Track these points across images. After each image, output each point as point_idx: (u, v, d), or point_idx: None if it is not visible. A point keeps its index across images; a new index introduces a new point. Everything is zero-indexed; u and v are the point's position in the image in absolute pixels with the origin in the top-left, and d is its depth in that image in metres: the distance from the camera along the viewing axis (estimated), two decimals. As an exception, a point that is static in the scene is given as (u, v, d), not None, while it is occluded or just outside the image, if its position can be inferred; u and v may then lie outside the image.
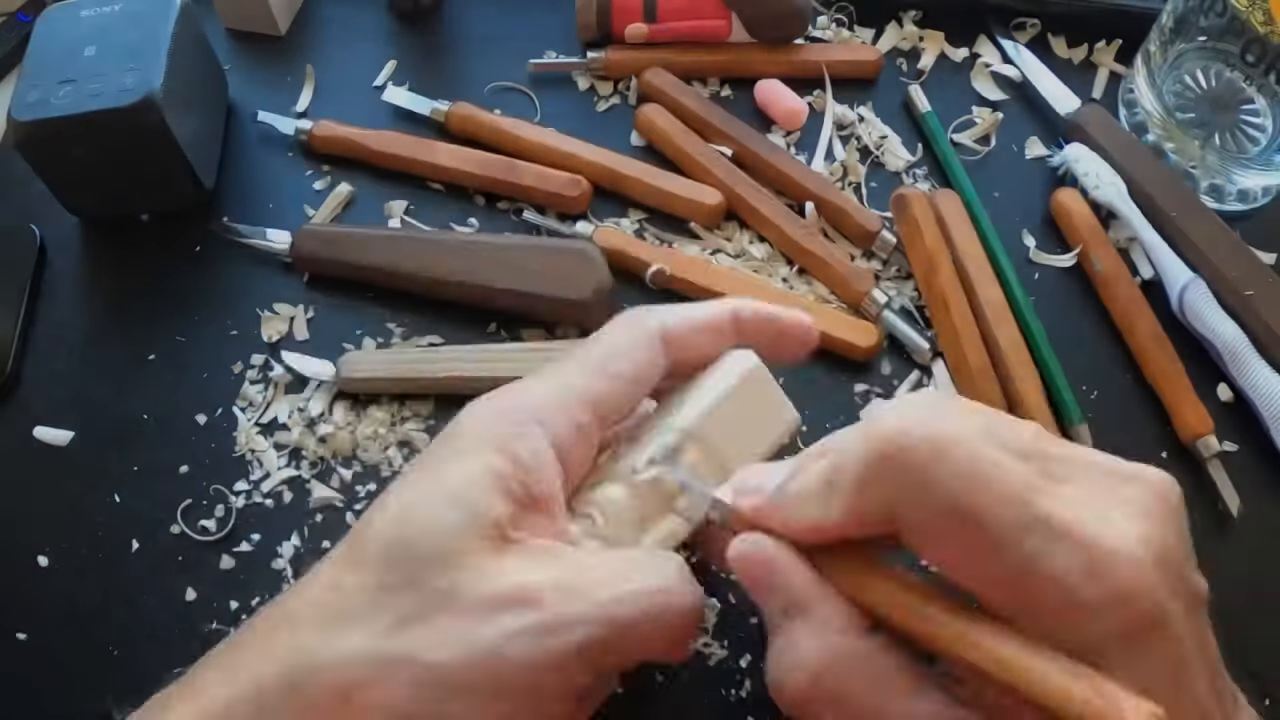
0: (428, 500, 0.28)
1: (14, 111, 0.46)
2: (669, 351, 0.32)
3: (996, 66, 0.57)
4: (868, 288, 0.48)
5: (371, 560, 0.27)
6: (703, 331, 0.33)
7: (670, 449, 0.30)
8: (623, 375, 0.31)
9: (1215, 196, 0.52)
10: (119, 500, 0.44)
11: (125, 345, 0.49)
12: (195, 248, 0.51)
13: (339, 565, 0.28)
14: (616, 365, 0.31)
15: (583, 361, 0.31)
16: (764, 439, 0.32)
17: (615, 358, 0.31)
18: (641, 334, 0.32)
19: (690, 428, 0.31)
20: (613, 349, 0.32)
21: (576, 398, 0.30)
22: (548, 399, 0.30)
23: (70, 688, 0.40)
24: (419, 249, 0.48)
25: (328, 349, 0.48)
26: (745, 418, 0.31)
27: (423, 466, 0.30)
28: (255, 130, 0.55)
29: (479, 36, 0.59)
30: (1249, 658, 0.41)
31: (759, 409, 0.32)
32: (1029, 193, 0.53)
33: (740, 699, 0.39)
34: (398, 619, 0.26)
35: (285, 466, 0.45)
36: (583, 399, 0.30)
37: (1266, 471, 0.45)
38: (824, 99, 0.56)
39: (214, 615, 0.42)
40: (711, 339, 0.33)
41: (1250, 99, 0.51)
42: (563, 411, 0.30)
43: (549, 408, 0.30)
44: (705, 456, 0.31)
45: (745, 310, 0.33)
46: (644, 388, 0.32)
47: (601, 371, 0.31)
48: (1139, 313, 0.47)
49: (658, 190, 0.51)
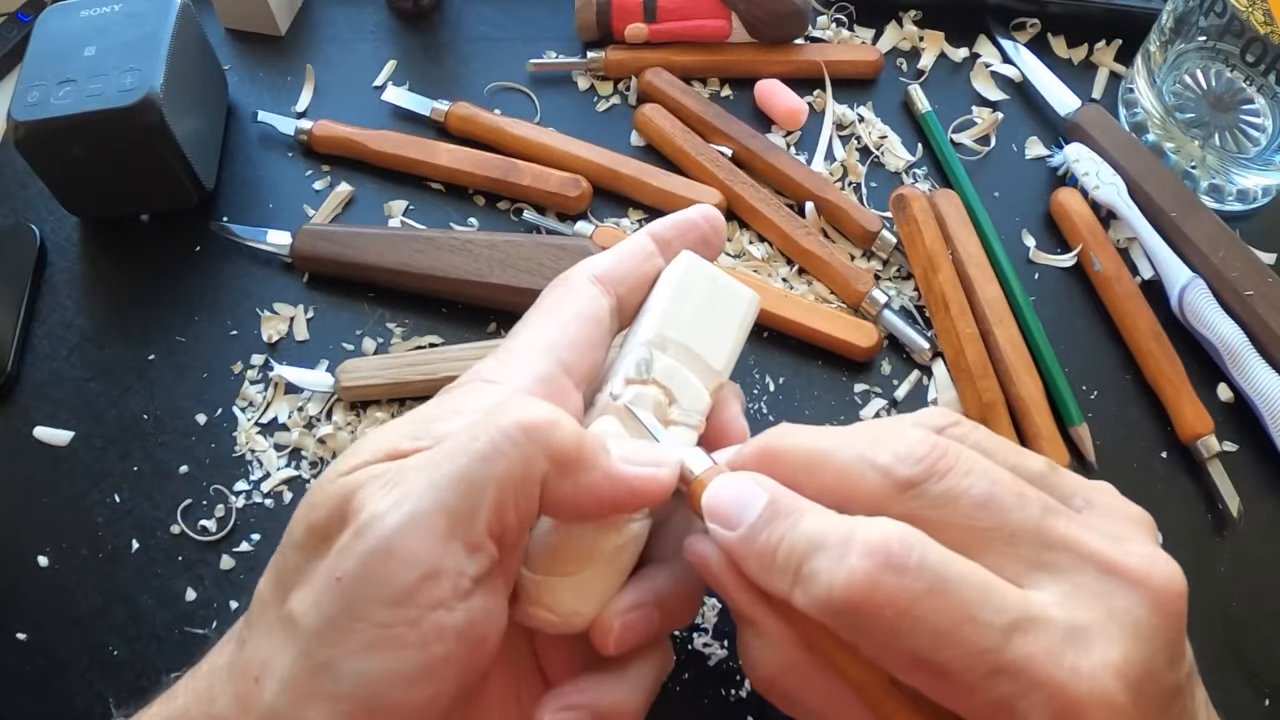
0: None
1: (14, 111, 0.46)
2: (607, 289, 0.32)
3: (996, 66, 0.56)
4: (868, 288, 0.48)
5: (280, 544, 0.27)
6: (629, 260, 0.33)
7: (642, 362, 0.31)
8: (566, 321, 0.30)
9: (1215, 196, 0.52)
10: (119, 500, 0.44)
11: (125, 345, 0.49)
12: (195, 248, 0.51)
13: None
14: (558, 315, 0.31)
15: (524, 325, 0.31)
16: (729, 325, 0.32)
17: (554, 310, 0.31)
18: (571, 283, 0.32)
19: (653, 337, 0.31)
20: (549, 304, 0.31)
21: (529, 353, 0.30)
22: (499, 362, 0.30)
23: (70, 688, 0.40)
24: (419, 249, 0.48)
25: (327, 349, 0.48)
26: (703, 310, 0.32)
27: None
28: (255, 130, 0.55)
29: (479, 36, 0.59)
30: (1249, 658, 0.41)
31: (713, 298, 0.32)
32: (1029, 193, 0.53)
33: (740, 699, 0.39)
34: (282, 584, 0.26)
35: (285, 466, 0.45)
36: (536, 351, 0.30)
37: (1266, 471, 0.45)
38: (824, 99, 0.56)
39: (214, 615, 0.42)
40: (640, 263, 0.33)
41: (1250, 99, 0.51)
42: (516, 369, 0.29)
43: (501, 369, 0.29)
44: (679, 358, 0.31)
45: (658, 228, 0.34)
46: (594, 326, 0.31)
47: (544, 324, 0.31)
48: (1139, 313, 0.47)
49: (657, 190, 0.51)
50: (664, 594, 0.29)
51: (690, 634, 0.40)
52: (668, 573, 0.30)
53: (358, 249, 0.49)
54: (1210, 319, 0.46)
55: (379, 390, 0.46)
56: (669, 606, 0.29)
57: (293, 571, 0.26)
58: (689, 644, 0.40)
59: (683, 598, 0.30)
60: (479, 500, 0.25)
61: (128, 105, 0.45)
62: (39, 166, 0.48)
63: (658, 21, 0.55)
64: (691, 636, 0.40)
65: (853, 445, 0.27)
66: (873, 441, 0.27)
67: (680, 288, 0.32)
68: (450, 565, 0.24)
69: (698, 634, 0.40)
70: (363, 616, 0.24)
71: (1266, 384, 0.45)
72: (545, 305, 0.32)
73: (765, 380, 0.47)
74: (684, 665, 0.40)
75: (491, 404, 0.27)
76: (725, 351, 0.32)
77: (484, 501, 0.25)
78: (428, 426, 0.27)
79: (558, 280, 0.33)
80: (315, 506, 0.26)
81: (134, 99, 0.46)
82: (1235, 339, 0.46)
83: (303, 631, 0.24)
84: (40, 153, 0.47)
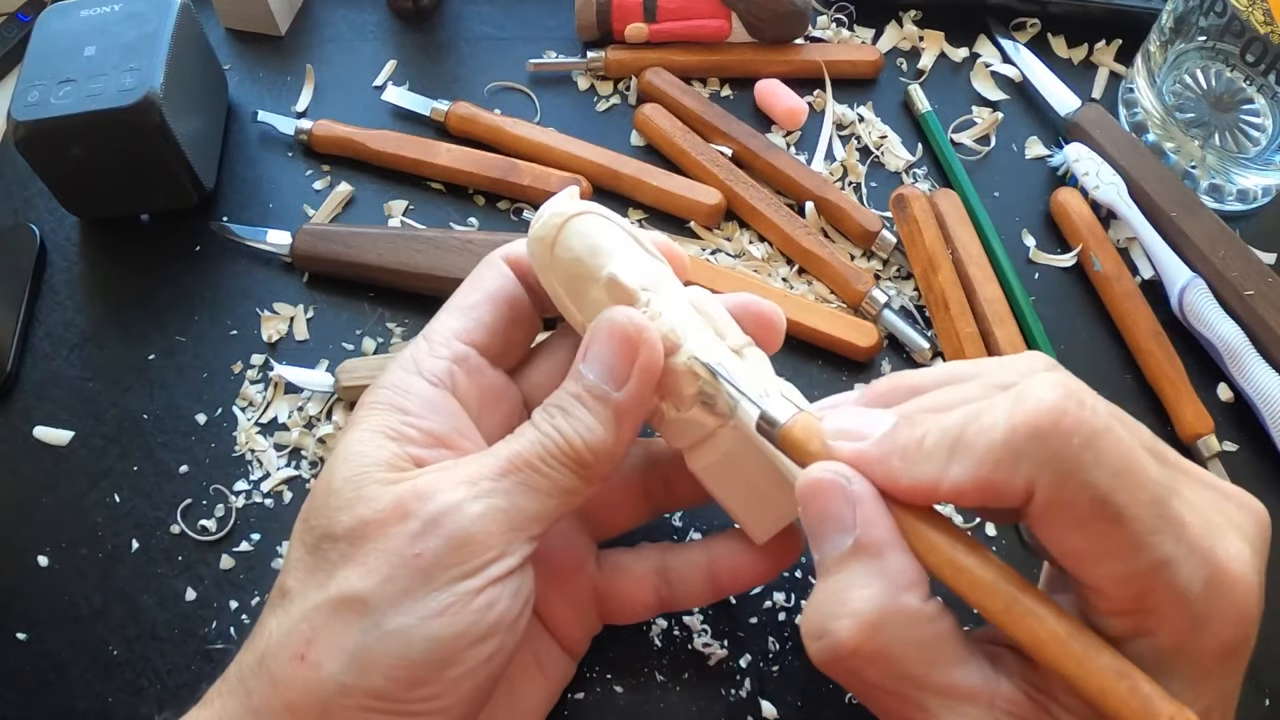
0: (326, 471, 0.31)
1: (14, 111, 0.46)
2: (520, 271, 0.35)
3: (996, 66, 0.56)
4: (868, 288, 0.48)
5: (295, 537, 0.30)
6: None
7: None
8: (477, 303, 0.34)
9: (1215, 196, 0.52)
10: (119, 500, 0.44)
11: (125, 345, 0.49)
12: (195, 248, 0.51)
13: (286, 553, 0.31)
14: (469, 298, 0.34)
15: (441, 310, 0.34)
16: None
17: (466, 293, 0.34)
18: (485, 265, 0.35)
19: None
20: (464, 288, 0.35)
21: (441, 337, 0.33)
22: (416, 350, 0.33)
23: (70, 688, 0.40)
24: (419, 249, 0.48)
25: (328, 349, 0.48)
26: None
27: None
28: (255, 130, 0.55)
29: (479, 36, 0.59)
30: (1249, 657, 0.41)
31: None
32: (1029, 193, 0.53)
33: (740, 699, 0.39)
34: (326, 572, 0.28)
35: (285, 466, 0.45)
36: (449, 335, 0.33)
37: (1266, 471, 0.45)
38: (824, 99, 0.56)
39: (214, 615, 0.42)
40: None
41: (1250, 99, 0.51)
42: (431, 352, 0.33)
43: (419, 356, 0.33)
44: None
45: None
46: (506, 305, 0.34)
47: (456, 308, 0.34)
48: (1139, 313, 0.47)
49: (657, 190, 0.51)
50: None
51: (690, 634, 0.40)
52: None
53: (358, 249, 0.49)
54: (1210, 319, 0.46)
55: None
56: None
57: (335, 562, 0.28)
58: (689, 644, 0.40)
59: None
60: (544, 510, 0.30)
61: (128, 105, 0.45)
62: (39, 166, 0.48)
63: (658, 21, 0.55)
64: (691, 636, 0.40)
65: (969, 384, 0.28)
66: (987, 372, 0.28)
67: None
68: (514, 550, 0.29)
69: (698, 634, 0.40)
70: (440, 587, 0.28)
71: (1266, 384, 0.45)
72: (464, 287, 0.35)
73: (765, 380, 0.47)
74: (684, 665, 0.40)
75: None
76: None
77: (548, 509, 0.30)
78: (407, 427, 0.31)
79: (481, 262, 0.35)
80: (363, 501, 0.29)
81: (134, 99, 0.46)
82: (1235, 339, 0.46)
83: (372, 604, 0.27)
84: (40, 153, 0.47)
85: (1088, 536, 0.24)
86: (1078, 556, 0.24)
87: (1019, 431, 0.24)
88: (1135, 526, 0.23)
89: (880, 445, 0.26)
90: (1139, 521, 0.23)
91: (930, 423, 0.26)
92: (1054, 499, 0.24)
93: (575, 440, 0.30)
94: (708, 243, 0.51)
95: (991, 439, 0.24)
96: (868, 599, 0.25)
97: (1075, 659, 0.24)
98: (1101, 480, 0.23)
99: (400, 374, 0.32)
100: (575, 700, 0.39)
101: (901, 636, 0.25)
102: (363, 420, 0.31)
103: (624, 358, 0.30)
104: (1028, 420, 0.24)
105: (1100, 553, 0.24)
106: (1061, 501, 0.24)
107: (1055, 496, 0.24)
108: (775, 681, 0.39)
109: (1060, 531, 0.24)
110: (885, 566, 0.26)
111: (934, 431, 0.26)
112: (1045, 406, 0.24)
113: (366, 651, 0.27)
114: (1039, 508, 0.24)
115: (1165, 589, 0.23)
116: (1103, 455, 0.23)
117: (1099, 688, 0.23)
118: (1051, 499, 0.24)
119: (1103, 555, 0.24)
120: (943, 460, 0.25)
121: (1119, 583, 0.24)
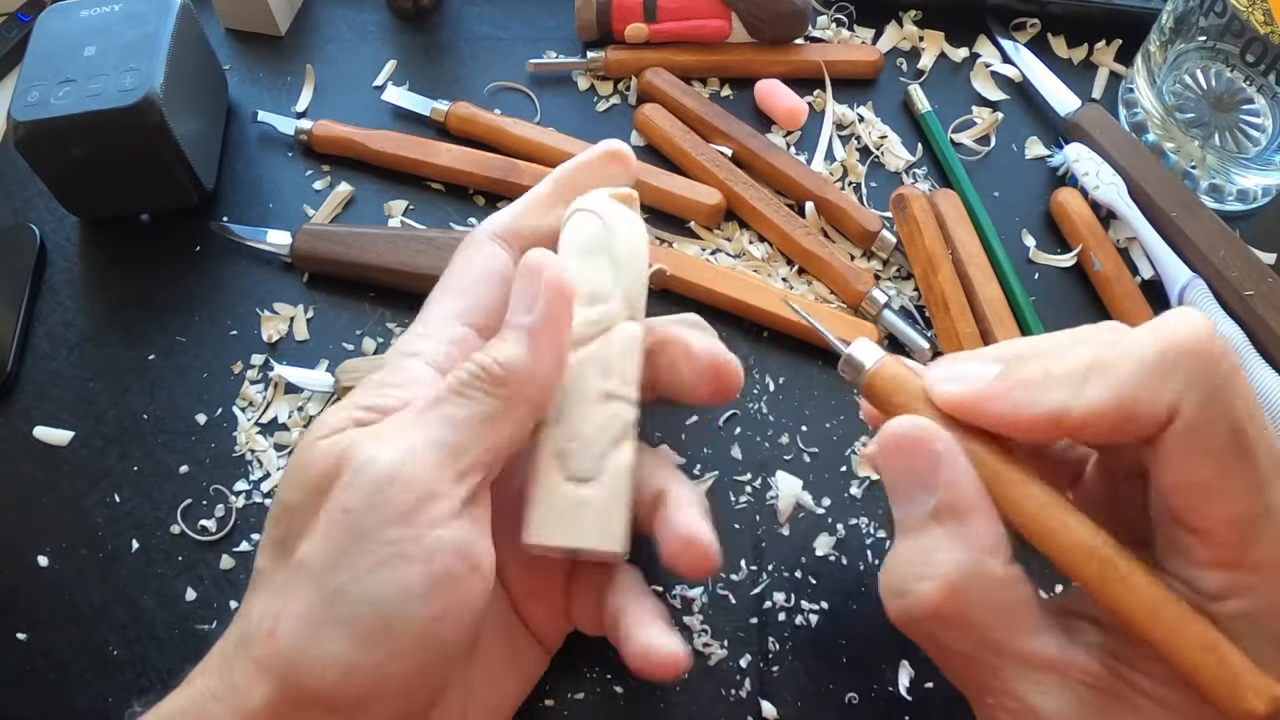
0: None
1: (14, 111, 0.46)
2: (510, 245, 0.35)
3: (996, 66, 0.56)
4: (868, 288, 0.48)
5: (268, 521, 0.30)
6: (526, 214, 0.35)
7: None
8: (472, 284, 0.34)
9: (1215, 196, 0.52)
10: (119, 500, 0.44)
11: (125, 345, 0.49)
12: (195, 248, 0.51)
13: None
14: (463, 279, 0.34)
15: (435, 292, 0.34)
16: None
17: (459, 274, 0.34)
18: (473, 243, 0.35)
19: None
20: (454, 269, 0.34)
21: (438, 320, 0.33)
22: (413, 334, 0.33)
23: (70, 688, 0.40)
24: (419, 249, 0.48)
25: (328, 349, 0.48)
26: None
27: None
28: (255, 130, 0.55)
29: (479, 36, 0.59)
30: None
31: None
32: (1029, 193, 0.53)
33: (740, 699, 0.39)
34: (286, 546, 0.29)
35: (285, 466, 0.45)
36: (447, 317, 0.33)
37: (1266, 471, 0.45)
38: (824, 99, 0.56)
39: (214, 615, 0.42)
40: (540, 215, 0.35)
41: (1250, 99, 0.51)
42: (429, 337, 0.32)
43: (416, 341, 0.32)
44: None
45: (560, 173, 0.36)
46: (501, 285, 0.33)
47: (450, 289, 0.34)
48: (1139, 313, 0.47)
49: (657, 190, 0.51)
50: None
51: (690, 634, 0.40)
52: None
53: (358, 249, 0.49)
54: (1210, 319, 0.46)
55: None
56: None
57: (295, 533, 0.28)
58: (689, 644, 0.40)
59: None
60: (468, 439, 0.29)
61: (128, 105, 0.45)
62: (39, 166, 0.48)
63: (658, 21, 0.55)
64: (692, 636, 0.40)
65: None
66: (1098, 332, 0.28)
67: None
68: (444, 489, 0.28)
69: (698, 634, 0.40)
70: (371, 538, 0.27)
71: (1266, 384, 0.45)
72: (453, 269, 0.35)
73: (765, 380, 0.47)
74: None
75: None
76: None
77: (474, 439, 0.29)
78: (380, 399, 0.30)
79: (464, 242, 0.35)
80: (305, 468, 0.29)
81: (134, 99, 0.46)
82: (1235, 339, 0.46)
83: (313, 569, 0.27)
84: (40, 153, 0.47)
85: (1218, 468, 0.23)
86: (1201, 490, 0.24)
87: (1170, 351, 0.24)
88: (1262, 465, 0.23)
89: (1000, 380, 0.26)
90: (1266, 461, 0.23)
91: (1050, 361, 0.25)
92: (1198, 421, 0.23)
93: (486, 361, 0.30)
94: (708, 243, 0.51)
95: (1141, 356, 0.24)
96: (951, 562, 0.25)
97: (1166, 628, 0.23)
98: (1241, 411, 0.23)
99: (396, 356, 0.32)
100: (575, 700, 0.39)
101: (983, 601, 0.25)
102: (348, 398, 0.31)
103: (531, 283, 0.30)
104: (1180, 340, 0.24)
105: (1224, 488, 0.24)
106: (1204, 424, 0.23)
107: (1200, 417, 0.23)
108: (775, 681, 0.39)
109: (1192, 460, 0.24)
110: (968, 530, 0.25)
111: (1062, 363, 0.25)
112: (1198, 328, 0.24)
113: (313, 613, 0.27)
114: (1178, 430, 0.24)
115: (1272, 541, 0.23)
116: (1242, 389, 0.23)
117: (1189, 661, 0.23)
118: (1195, 421, 0.23)
119: (1226, 491, 0.24)
120: (1076, 385, 0.25)
121: (1232, 526, 0.23)
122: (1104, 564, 0.24)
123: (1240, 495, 0.23)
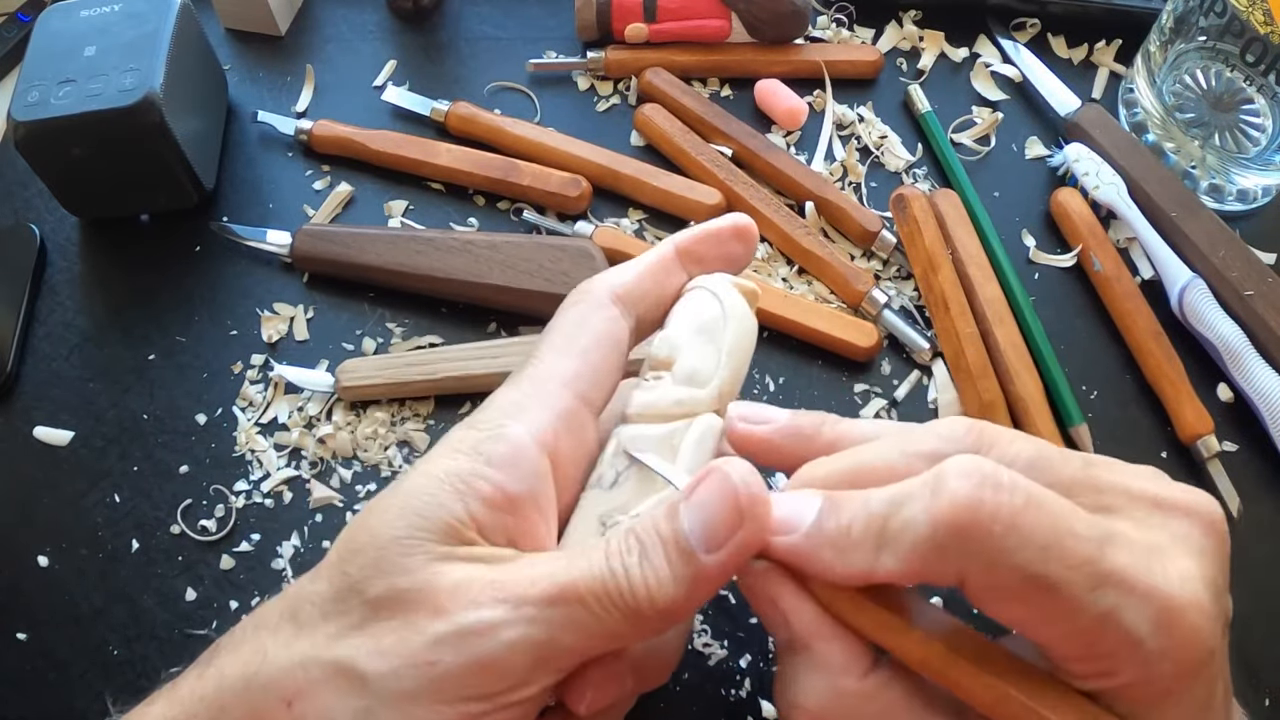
0: (382, 508, 0.28)
1: (14, 111, 0.46)
2: (628, 310, 0.32)
3: (996, 66, 0.56)
4: (868, 288, 0.48)
5: (327, 568, 0.28)
6: (650, 277, 0.32)
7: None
8: (588, 349, 0.30)
9: (1215, 196, 0.52)
10: (119, 500, 0.44)
11: (125, 345, 0.49)
12: (195, 248, 0.51)
13: (312, 571, 0.29)
14: (579, 341, 0.30)
15: (546, 349, 0.31)
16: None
17: (575, 334, 0.31)
18: (593, 302, 0.31)
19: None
20: (570, 326, 0.31)
21: (552, 385, 0.29)
22: (521, 394, 0.29)
23: (70, 688, 0.40)
24: (419, 249, 0.48)
25: (328, 349, 0.48)
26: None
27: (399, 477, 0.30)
28: (255, 130, 0.55)
29: (479, 36, 0.59)
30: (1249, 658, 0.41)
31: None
32: (1029, 193, 0.53)
33: (740, 699, 0.39)
34: (340, 627, 0.27)
35: (285, 466, 0.45)
36: (559, 384, 0.29)
37: (1266, 471, 0.45)
38: (824, 99, 0.56)
39: (214, 615, 0.42)
40: (662, 280, 0.33)
41: (1250, 99, 0.51)
42: (539, 402, 0.29)
43: (524, 402, 0.29)
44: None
45: (684, 240, 0.33)
46: (615, 353, 0.31)
47: (566, 351, 0.30)
48: (1139, 313, 0.47)
49: (657, 190, 0.51)
50: (639, 659, 0.30)
51: (690, 634, 0.40)
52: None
53: (358, 249, 0.49)
54: (1210, 319, 0.46)
55: (379, 390, 0.46)
56: (644, 670, 0.30)
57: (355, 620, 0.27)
58: (689, 644, 0.40)
59: (659, 662, 0.31)
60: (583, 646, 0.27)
61: (128, 105, 0.45)
62: (39, 166, 0.48)
63: (658, 21, 0.55)
64: (691, 636, 0.40)
65: (889, 448, 0.27)
66: (906, 436, 0.27)
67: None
68: (535, 681, 0.26)
69: (698, 634, 0.40)
70: (448, 702, 0.26)
71: (1266, 384, 0.45)
72: (567, 325, 0.31)
73: (765, 380, 0.47)
74: (684, 665, 0.40)
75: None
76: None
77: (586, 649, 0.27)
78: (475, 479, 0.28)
79: (579, 293, 0.32)
80: (404, 572, 0.27)
81: (134, 99, 0.46)
82: (1235, 339, 0.46)
83: (375, 691, 0.26)
84: (40, 153, 0.47)
85: (1026, 608, 0.24)
86: (1021, 624, 0.25)
87: (940, 530, 0.24)
88: (1071, 590, 0.23)
89: (810, 539, 0.27)
90: (1074, 585, 0.23)
91: (855, 507, 0.26)
92: (986, 583, 0.24)
93: (640, 589, 0.26)
94: (708, 243, 0.51)
95: (915, 535, 0.24)
96: (810, 691, 0.27)
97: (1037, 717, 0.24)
98: (1030, 558, 0.23)
99: (499, 415, 0.29)
100: (575, 700, 0.39)
101: (850, 716, 0.26)
102: (442, 457, 0.28)
103: (726, 525, 0.26)
104: (946, 518, 0.24)
105: (1042, 619, 0.24)
106: (994, 584, 0.24)
107: (987, 581, 0.24)
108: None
109: (999, 607, 0.25)
110: (815, 658, 0.27)
111: (859, 520, 0.26)
112: (961, 501, 0.24)
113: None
114: (973, 592, 0.25)
115: (1114, 637, 0.23)
116: (1027, 534, 0.23)
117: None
118: (984, 584, 0.24)
119: (1045, 620, 0.24)
120: (871, 551, 0.25)
121: (1067, 640, 0.24)
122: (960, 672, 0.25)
123: (1062, 620, 0.24)
